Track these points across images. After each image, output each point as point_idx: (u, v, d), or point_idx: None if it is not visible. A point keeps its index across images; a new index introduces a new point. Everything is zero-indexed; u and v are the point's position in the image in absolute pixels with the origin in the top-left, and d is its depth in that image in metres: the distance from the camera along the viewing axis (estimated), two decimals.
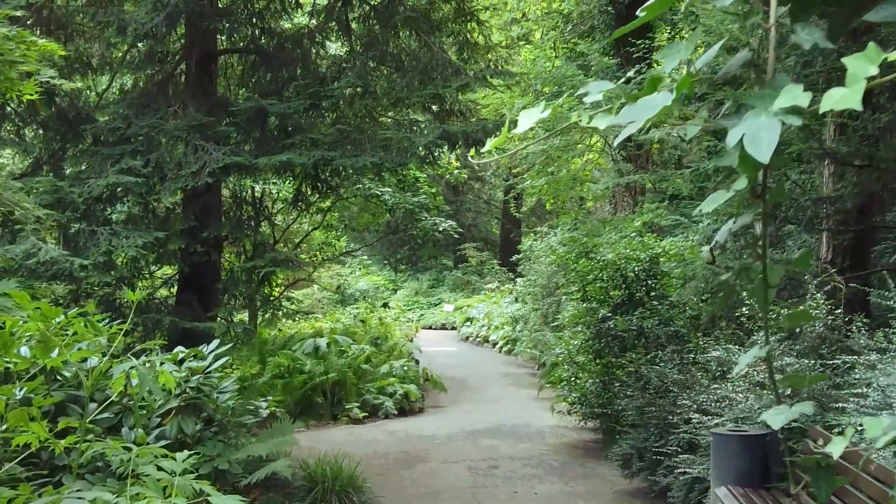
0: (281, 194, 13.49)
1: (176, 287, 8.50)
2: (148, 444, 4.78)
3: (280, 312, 10.43)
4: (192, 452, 3.17)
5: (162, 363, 3.24)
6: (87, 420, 3.85)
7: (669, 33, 15.15)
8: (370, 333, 13.63)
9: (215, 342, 5.04)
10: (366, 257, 29.71)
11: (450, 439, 9.09)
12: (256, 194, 11.69)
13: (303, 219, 15.39)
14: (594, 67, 13.88)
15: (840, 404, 5.38)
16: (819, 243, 7.90)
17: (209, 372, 4.92)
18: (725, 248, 8.71)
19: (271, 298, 10.00)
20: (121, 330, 3.65)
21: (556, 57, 16.72)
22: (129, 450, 3.55)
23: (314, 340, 11.27)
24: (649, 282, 8.37)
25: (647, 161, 16.09)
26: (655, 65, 14.84)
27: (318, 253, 17.00)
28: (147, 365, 3.22)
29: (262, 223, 11.21)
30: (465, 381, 13.89)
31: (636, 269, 8.38)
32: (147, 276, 8.74)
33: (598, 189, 15.52)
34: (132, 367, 3.07)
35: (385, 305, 23.48)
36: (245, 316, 12.09)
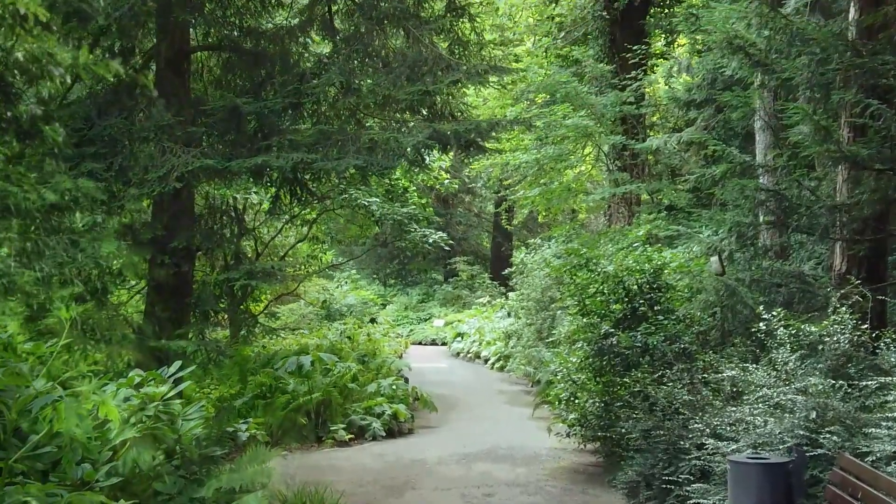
0: (264, 206, 12.94)
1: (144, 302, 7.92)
2: (97, 481, 4.22)
3: (257, 329, 9.82)
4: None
5: (94, 392, 2.70)
6: (14, 458, 3.30)
7: (665, 39, 14.78)
8: (357, 350, 13.05)
9: (177, 364, 4.48)
10: (354, 271, 29.10)
11: (441, 463, 8.53)
12: (238, 204, 11.12)
13: (288, 231, 14.84)
14: (588, 73, 13.49)
15: (870, 429, 4.88)
16: (832, 253, 7.45)
17: (169, 397, 4.36)
18: (733, 259, 8.24)
19: (247, 315, 9.40)
20: (52, 352, 3.11)
21: (549, 64, 16.32)
22: (61, 496, 3.01)
23: (298, 358, 10.70)
24: (653, 295, 7.86)
25: (643, 171, 15.67)
26: (651, 71, 14.46)
27: (303, 266, 16.41)
28: (78, 396, 2.69)
29: (244, 234, 10.64)
30: (457, 398, 13.32)
31: (639, 281, 7.88)
32: (118, 288, 8.16)
33: (593, 199, 15.07)
34: (56, 400, 2.53)
35: (373, 321, 22.84)
36: (227, 332, 11.48)
